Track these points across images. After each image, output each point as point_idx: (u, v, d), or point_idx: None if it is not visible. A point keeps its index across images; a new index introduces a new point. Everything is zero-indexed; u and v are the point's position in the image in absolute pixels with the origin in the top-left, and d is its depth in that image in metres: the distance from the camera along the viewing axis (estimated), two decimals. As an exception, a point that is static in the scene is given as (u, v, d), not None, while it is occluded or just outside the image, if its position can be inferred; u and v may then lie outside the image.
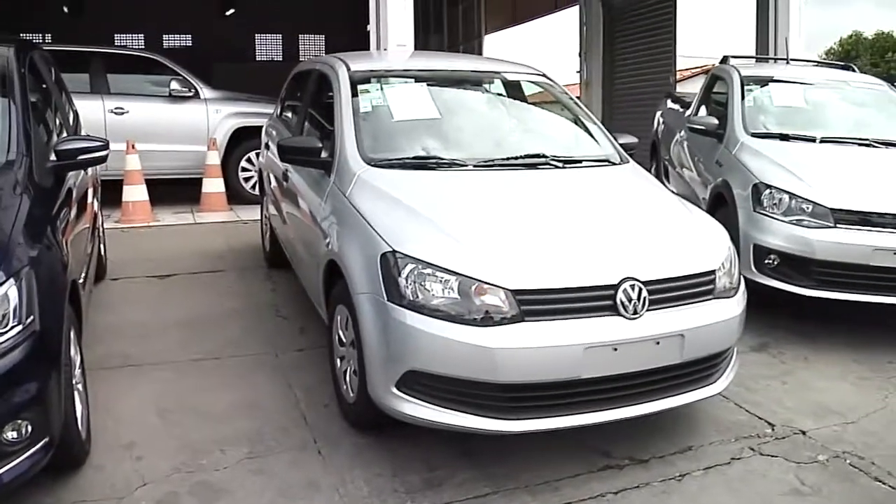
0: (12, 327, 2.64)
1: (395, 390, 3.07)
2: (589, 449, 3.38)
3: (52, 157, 3.69)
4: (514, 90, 4.84)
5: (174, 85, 8.97)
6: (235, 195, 9.10)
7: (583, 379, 3.00)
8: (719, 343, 3.37)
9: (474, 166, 3.91)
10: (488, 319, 2.95)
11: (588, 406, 3.08)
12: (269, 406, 3.82)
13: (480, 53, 18.41)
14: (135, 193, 8.12)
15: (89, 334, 4.63)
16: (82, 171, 4.51)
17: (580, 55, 14.42)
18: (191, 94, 9.07)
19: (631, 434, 3.48)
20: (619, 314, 3.05)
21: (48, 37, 16.90)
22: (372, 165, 3.82)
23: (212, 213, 8.73)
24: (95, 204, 5.32)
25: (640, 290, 3.09)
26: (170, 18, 18.27)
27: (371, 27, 8.18)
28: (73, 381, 3.14)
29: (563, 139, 4.58)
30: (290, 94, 5.81)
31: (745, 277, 4.31)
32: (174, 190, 9.21)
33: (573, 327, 3.00)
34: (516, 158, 4.04)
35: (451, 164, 3.91)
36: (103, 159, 3.95)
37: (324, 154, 4.04)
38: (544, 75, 4.90)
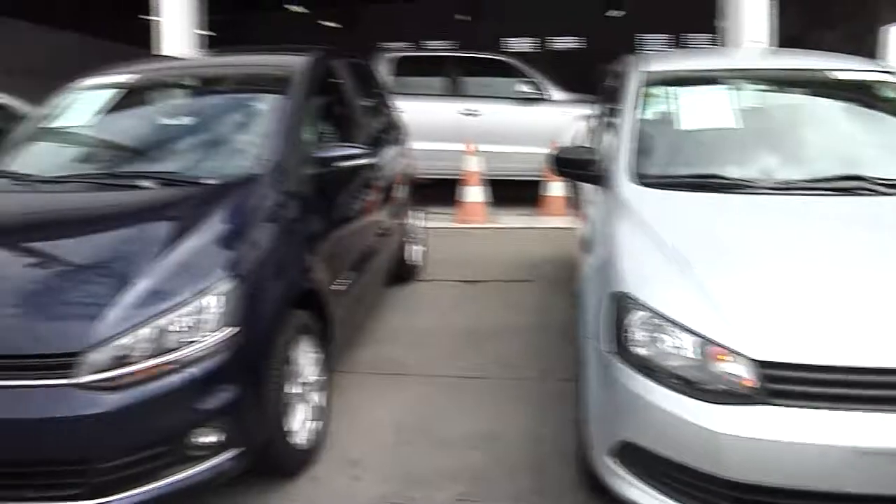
0: (210, 334, 2.65)
1: (608, 460, 2.54)
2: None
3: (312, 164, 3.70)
4: (853, 93, 3.82)
5: (522, 87, 8.97)
6: (584, 201, 8.81)
7: (850, 494, 2.18)
8: None
9: (767, 189, 3.14)
10: (721, 395, 2.28)
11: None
12: (509, 440, 3.49)
13: (875, 47, 14.59)
14: (471, 194, 8.24)
15: (367, 337, 4.71)
16: (371, 174, 4.54)
17: None
18: (540, 96, 9.01)
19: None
20: (921, 411, 2.16)
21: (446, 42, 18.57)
22: (643, 184, 3.25)
23: (551, 218, 8.55)
24: (399, 203, 5.36)
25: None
26: (557, 21, 18.94)
27: (723, 22, 7.29)
28: (292, 391, 3.10)
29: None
30: (604, 96, 5.35)
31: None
32: (522, 191, 9.21)
33: (842, 420, 2.18)
34: (823, 182, 3.15)
35: (736, 186, 3.17)
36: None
37: (598, 168, 3.58)
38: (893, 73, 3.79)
